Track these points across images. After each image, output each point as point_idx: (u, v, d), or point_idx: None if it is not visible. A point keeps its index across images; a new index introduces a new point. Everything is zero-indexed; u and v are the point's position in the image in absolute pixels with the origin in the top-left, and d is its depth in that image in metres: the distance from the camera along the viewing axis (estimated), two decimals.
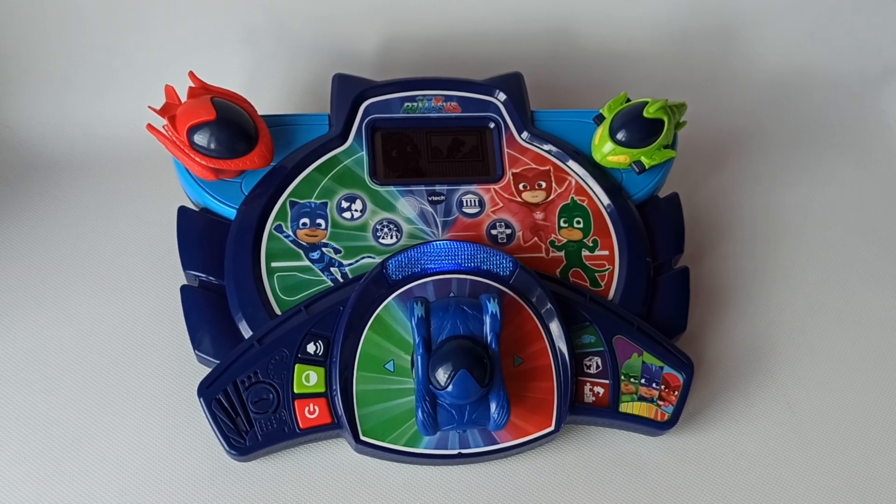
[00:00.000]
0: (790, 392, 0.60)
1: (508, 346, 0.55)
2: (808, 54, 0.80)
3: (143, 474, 0.54)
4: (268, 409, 0.53)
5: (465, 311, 0.53)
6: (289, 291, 0.57)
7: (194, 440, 0.55)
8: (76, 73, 0.72)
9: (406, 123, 0.64)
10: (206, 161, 0.58)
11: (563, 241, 0.61)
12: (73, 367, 0.58)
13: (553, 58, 0.77)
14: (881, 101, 0.80)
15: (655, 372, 0.56)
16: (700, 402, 0.59)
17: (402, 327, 0.55)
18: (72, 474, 0.54)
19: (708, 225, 0.69)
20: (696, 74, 0.78)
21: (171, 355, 0.58)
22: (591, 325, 0.57)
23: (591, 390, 0.56)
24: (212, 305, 0.57)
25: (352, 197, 0.61)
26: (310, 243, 0.59)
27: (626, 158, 0.63)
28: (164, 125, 0.59)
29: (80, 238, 0.65)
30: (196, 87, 0.61)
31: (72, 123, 0.71)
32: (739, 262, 0.67)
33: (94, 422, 0.56)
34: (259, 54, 0.73)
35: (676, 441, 0.57)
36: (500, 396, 0.51)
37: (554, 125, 0.66)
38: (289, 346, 0.54)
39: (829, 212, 0.71)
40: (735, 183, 0.73)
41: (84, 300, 0.61)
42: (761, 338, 0.63)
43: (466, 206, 0.62)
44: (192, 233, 0.59)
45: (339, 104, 0.64)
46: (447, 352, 0.50)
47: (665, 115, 0.62)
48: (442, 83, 0.66)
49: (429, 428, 0.51)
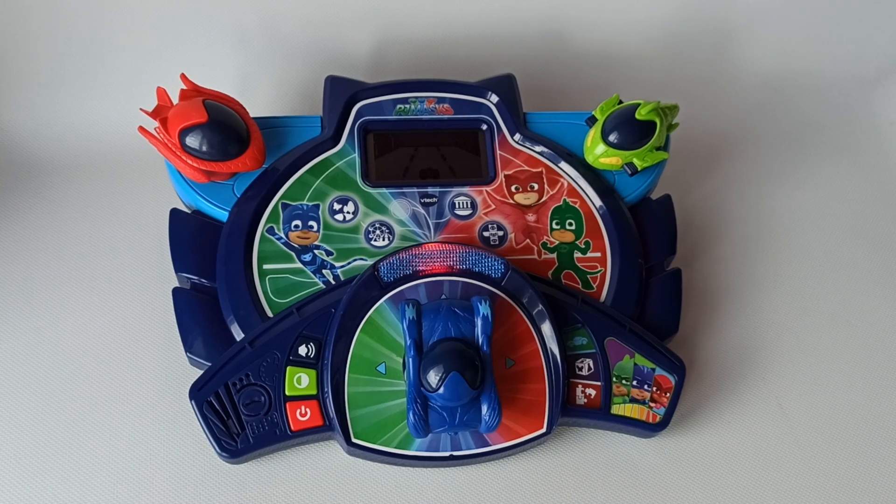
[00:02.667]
0: (782, 393, 0.60)
1: (500, 348, 0.55)
2: (800, 57, 0.80)
3: (135, 477, 0.54)
4: (259, 412, 0.53)
5: (457, 313, 0.53)
6: (281, 293, 0.57)
7: (186, 443, 0.55)
8: (68, 75, 0.71)
9: (398, 125, 0.64)
10: (197, 163, 0.58)
11: (555, 242, 0.61)
12: (65, 370, 0.58)
13: (545, 60, 0.77)
14: (873, 104, 0.80)
15: (647, 374, 0.56)
16: (692, 404, 0.59)
17: (394, 329, 0.55)
18: (63, 476, 0.54)
19: (700, 227, 0.69)
20: (689, 76, 0.78)
21: (162, 358, 0.58)
22: (583, 327, 0.57)
23: (583, 392, 0.56)
24: (204, 308, 0.57)
25: (344, 199, 0.61)
26: (302, 245, 0.59)
27: (619, 160, 0.63)
28: (156, 127, 0.59)
29: (71, 241, 0.65)
30: (188, 90, 0.61)
31: (63, 125, 0.71)
32: (732, 264, 0.67)
33: (85, 424, 0.56)
34: (251, 56, 0.73)
35: (668, 443, 0.57)
36: (492, 398, 0.51)
37: (546, 127, 0.66)
38: (280, 349, 0.54)
39: (821, 213, 0.71)
40: (727, 185, 0.73)
41: (76, 303, 0.61)
42: (753, 339, 0.63)
43: (458, 209, 0.61)
44: (184, 235, 0.59)
45: (331, 106, 0.64)
46: (439, 354, 0.50)
47: (657, 117, 0.62)
48: (434, 85, 0.66)
49: (420, 430, 0.51)
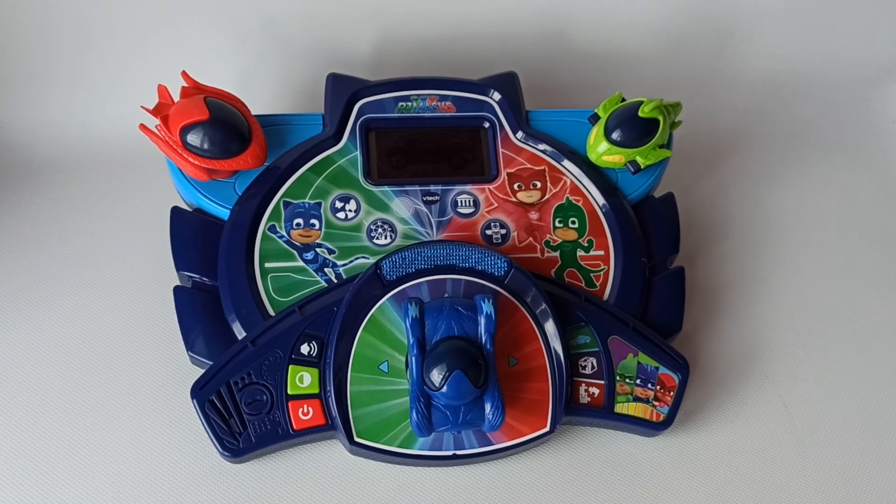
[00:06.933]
0: (785, 392, 0.60)
1: (503, 347, 0.54)
2: (802, 55, 0.80)
3: (136, 476, 0.54)
4: (261, 411, 0.53)
5: (460, 311, 0.52)
6: (282, 292, 0.57)
7: (187, 442, 0.55)
8: (68, 72, 0.71)
9: (400, 123, 0.64)
10: (199, 161, 0.58)
11: (558, 241, 0.61)
12: (66, 369, 0.58)
13: (548, 57, 0.76)
14: (875, 102, 0.80)
15: (651, 372, 0.56)
16: (695, 403, 0.59)
17: (397, 328, 0.55)
18: (64, 476, 0.53)
19: (703, 225, 0.69)
20: (691, 74, 0.78)
21: (164, 356, 0.58)
22: (587, 326, 0.56)
23: (587, 391, 0.56)
24: (205, 306, 0.57)
25: (346, 197, 0.61)
26: (304, 244, 0.59)
27: (622, 158, 0.63)
28: (157, 125, 0.59)
29: (72, 239, 0.64)
30: (189, 87, 0.60)
31: (64, 123, 0.71)
32: (735, 263, 0.67)
33: (86, 424, 0.56)
34: (253, 54, 0.73)
35: (672, 441, 0.57)
36: (495, 397, 0.51)
37: (549, 125, 0.65)
38: (282, 347, 0.54)
39: (824, 212, 0.71)
40: (730, 183, 0.73)
41: (76, 301, 0.61)
42: (757, 338, 0.63)
43: (461, 207, 0.61)
44: (185, 233, 0.59)
45: (333, 104, 0.64)
46: (442, 353, 0.50)
47: (660, 115, 0.62)
48: (436, 83, 0.65)
49: (423, 429, 0.51)
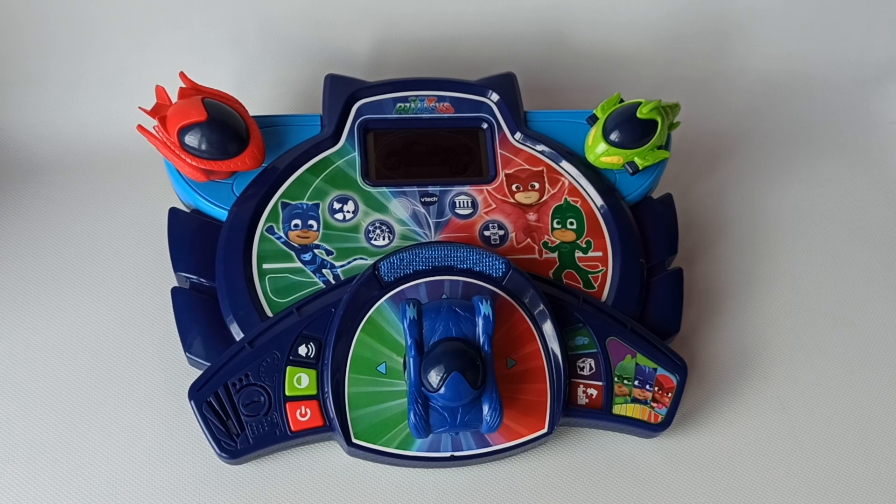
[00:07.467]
0: (784, 393, 0.60)
1: (501, 348, 0.54)
2: (800, 56, 0.80)
3: (134, 477, 0.54)
4: (259, 412, 0.53)
5: (458, 312, 0.52)
6: (280, 293, 0.57)
7: (185, 443, 0.55)
8: (66, 73, 0.71)
9: (398, 124, 0.64)
10: (196, 162, 0.58)
11: (556, 242, 0.61)
12: (63, 370, 0.58)
13: (546, 58, 0.76)
14: (873, 102, 0.80)
15: (649, 373, 0.56)
16: (694, 404, 0.59)
17: (395, 329, 0.54)
18: (61, 477, 0.53)
19: (702, 226, 0.69)
20: (690, 75, 0.78)
21: (161, 357, 0.58)
22: (585, 327, 0.56)
23: (585, 392, 0.55)
24: (203, 307, 0.57)
25: (344, 198, 0.61)
26: (301, 245, 0.59)
27: (620, 159, 0.63)
28: (155, 126, 0.59)
29: (70, 240, 0.64)
30: (187, 88, 0.60)
31: (61, 124, 0.70)
32: (733, 264, 0.67)
33: (83, 425, 0.55)
34: (250, 54, 0.73)
35: (670, 443, 0.57)
36: (493, 399, 0.51)
37: (547, 126, 0.65)
38: (280, 349, 0.54)
39: (821, 213, 0.71)
40: (729, 184, 0.73)
41: (74, 302, 0.61)
42: (755, 339, 0.63)
43: (459, 208, 0.61)
44: (183, 234, 0.59)
45: (331, 105, 0.64)
46: (439, 354, 0.50)
47: (658, 116, 0.62)
48: (434, 84, 0.65)
49: (421, 430, 0.51)
